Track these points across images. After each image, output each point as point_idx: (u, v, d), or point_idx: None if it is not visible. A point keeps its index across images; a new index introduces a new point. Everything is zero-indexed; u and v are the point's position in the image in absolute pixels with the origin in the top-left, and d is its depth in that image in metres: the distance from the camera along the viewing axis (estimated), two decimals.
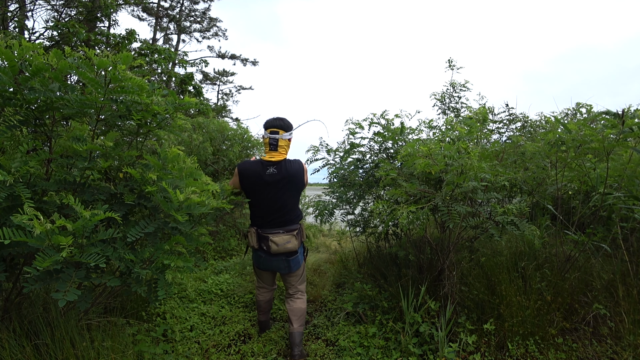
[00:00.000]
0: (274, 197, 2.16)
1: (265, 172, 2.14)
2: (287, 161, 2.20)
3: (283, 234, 2.17)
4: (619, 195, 2.26)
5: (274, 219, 2.18)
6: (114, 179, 2.06)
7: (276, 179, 2.14)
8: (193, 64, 13.67)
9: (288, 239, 2.17)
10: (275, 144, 2.18)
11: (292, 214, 2.23)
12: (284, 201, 2.18)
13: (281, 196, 2.17)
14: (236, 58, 19.12)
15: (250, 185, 2.17)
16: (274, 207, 2.17)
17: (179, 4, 17.18)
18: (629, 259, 2.31)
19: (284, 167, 2.16)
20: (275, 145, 2.18)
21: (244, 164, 2.19)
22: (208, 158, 4.76)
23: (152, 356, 2.10)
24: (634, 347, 1.98)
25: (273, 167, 2.14)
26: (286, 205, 2.19)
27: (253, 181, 2.16)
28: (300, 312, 2.33)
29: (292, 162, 2.20)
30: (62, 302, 1.30)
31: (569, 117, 3.94)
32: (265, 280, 2.45)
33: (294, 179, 2.19)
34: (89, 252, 1.42)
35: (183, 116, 2.10)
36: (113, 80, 1.63)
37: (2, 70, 1.45)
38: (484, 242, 2.99)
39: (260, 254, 2.23)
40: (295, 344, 2.24)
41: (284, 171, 2.15)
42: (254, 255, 2.32)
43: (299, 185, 2.23)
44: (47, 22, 9.00)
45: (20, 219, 1.22)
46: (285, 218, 2.20)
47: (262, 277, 2.44)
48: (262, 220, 2.19)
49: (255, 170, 2.16)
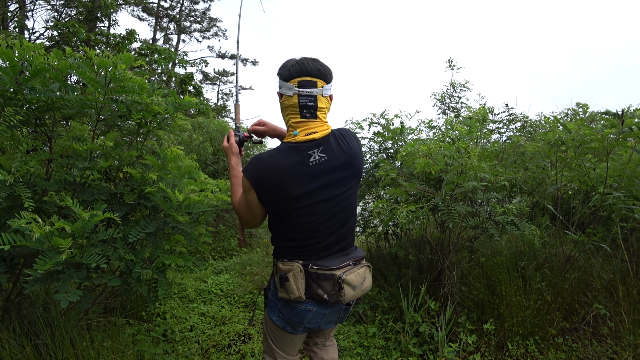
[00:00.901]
0: (331, 203, 1.22)
1: (308, 163, 1.17)
2: (337, 135, 1.25)
3: (354, 266, 1.25)
4: (618, 195, 2.26)
5: (334, 242, 1.26)
6: (114, 179, 2.06)
7: (328, 168, 1.19)
8: (193, 64, 13.67)
9: (363, 275, 1.27)
10: (313, 106, 1.18)
11: (354, 229, 1.37)
12: (347, 206, 1.27)
13: (342, 199, 1.24)
14: (236, 58, 19.10)
15: (283, 197, 1.18)
16: (332, 221, 1.24)
17: (179, 4, 17.18)
18: (629, 259, 2.31)
19: (335, 145, 1.21)
20: (313, 109, 1.19)
21: (262, 163, 1.18)
22: (208, 158, 4.76)
23: (152, 356, 2.11)
24: (634, 347, 1.98)
25: (318, 151, 1.18)
26: (351, 215, 1.31)
27: (288, 189, 1.16)
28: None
29: (344, 136, 1.25)
30: (65, 303, 1.30)
31: (569, 117, 3.94)
32: (293, 350, 1.41)
33: (355, 163, 1.25)
34: (89, 253, 1.42)
35: (183, 116, 2.10)
36: (113, 80, 1.63)
37: (3, 71, 1.45)
38: (484, 242, 2.99)
39: (309, 307, 1.23)
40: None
41: (339, 153, 1.21)
42: (285, 311, 1.28)
43: (360, 173, 1.31)
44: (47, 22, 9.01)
45: (19, 224, 1.21)
46: (349, 238, 1.33)
47: (292, 344, 1.39)
48: (313, 247, 1.23)
49: (287, 166, 1.16)
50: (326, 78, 1.21)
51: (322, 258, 1.24)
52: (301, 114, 1.19)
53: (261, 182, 1.17)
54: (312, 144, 1.18)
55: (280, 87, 1.21)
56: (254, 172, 1.17)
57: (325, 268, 1.20)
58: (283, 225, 1.25)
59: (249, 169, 1.19)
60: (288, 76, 1.18)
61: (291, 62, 1.20)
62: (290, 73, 1.17)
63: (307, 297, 1.21)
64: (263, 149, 5.86)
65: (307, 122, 1.20)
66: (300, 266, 1.20)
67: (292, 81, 1.17)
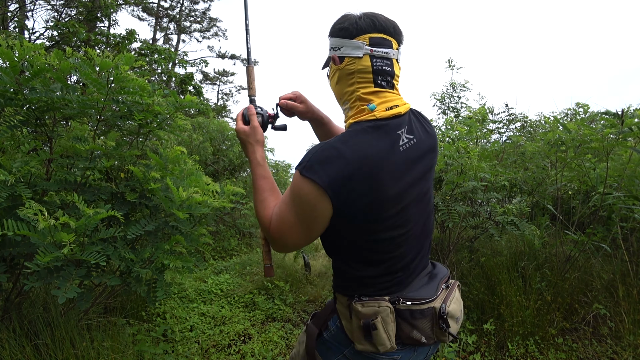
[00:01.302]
0: (422, 204, 0.92)
1: (399, 148, 0.84)
2: (415, 112, 0.95)
3: (448, 289, 0.94)
4: (618, 195, 2.26)
5: (420, 261, 0.96)
6: (115, 178, 2.06)
7: (417, 156, 0.88)
8: (193, 64, 13.68)
9: (460, 299, 0.98)
10: (390, 72, 0.87)
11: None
12: (432, 208, 0.98)
13: (429, 198, 0.95)
14: (236, 58, 19.14)
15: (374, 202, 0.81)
16: (422, 230, 0.93)
17: (179, 4, 17.19)
18: (629, 259, 2.31)
19: (418, 125, 0.91)
20: (390, 75, 0.87)
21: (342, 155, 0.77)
22: (208, 158, 4.76)
23: (152, 356, 2.11)
24: (634, 347, 1.98)
25: (405, 131, 0.86)
26: (432, 220, 1.00)
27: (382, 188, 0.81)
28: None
29: (420, 114, 0.97)
30: (62, 299, 1.30)
31: (569, 117, 3.95)
32: None
33: (437, 149, 0.98)
34: (89, 251, 1.42)
35: (183, 116, 2.10)
36: (115, 80, 1.63)
37: (4, 71, 1.45)
38: (483, 242, 2.99)
39: (394, 356, 0.88)
40: None
41: (424, 135, 0.91)
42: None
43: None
44: (47, 22, 9.01)
45: (26, 213, 1.23)
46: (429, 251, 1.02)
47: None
48: (402, 272, 0.90)
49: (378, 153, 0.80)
50: (400, 39, 0.89)
51: (409, 286, 0.89)
52: (375, 82, 0.84)
53: (345, 187, 0.75)
54: (399, 122, 0.84)
55: (340, 48, 0.86)
56: (331, 173, 0.74)
57: (421, 301, 0.85)
58: (361, 245, 0.85)
59: (318, 169, 0.75)
60: (355, 31, 0.84)
61: (353, 16, 0.86)
62: (359, 27, 0.84)
63: (397, 344, 0.84)
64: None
65: (383, 93, 0.84)
66: (389, 305, 0.82)
67: (361, 38, 0.83)
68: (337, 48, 0.87)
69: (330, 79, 0.94)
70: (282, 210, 0.84)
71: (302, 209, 0.80)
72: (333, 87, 0.93)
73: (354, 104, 0.87)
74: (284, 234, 0.85)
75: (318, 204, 0.78)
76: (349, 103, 0.88)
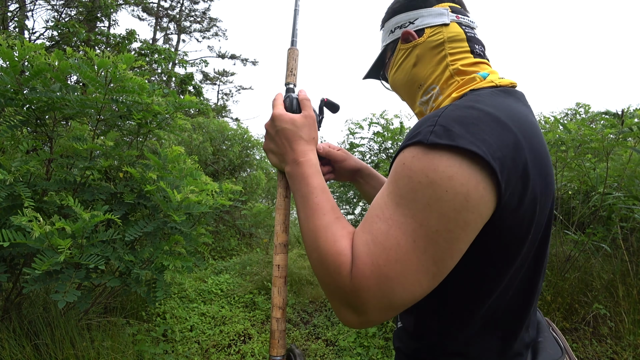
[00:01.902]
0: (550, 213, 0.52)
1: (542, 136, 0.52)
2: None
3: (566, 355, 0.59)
4: (618, 195, 2.26)
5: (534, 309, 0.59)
6: (114, 178, 2.06)
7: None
8: (193, 64, 13.68)
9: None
10: (482, 41, 0.66)
11: None
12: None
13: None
14: (236, 58, 19.14)
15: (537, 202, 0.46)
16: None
17: (179, 4, 17.19)
18: (629, 259, 2.31)
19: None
20: (483, 45, 0.66)
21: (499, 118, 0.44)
22: (208, 158, 4.76)
23: (152, 356, 2.11)
24: (634, 347, 1.98)
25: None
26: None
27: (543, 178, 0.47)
28: None
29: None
30: (62, 303, 1.30)
31: (569, 117, 3.94)
32: None
33: None
34: (88, 253, 1.42)
35: (183, 116, 2.10)
36: (114, 80, 1.63)
37: (4, 71, 1.45)
38: None
39: None
40: None
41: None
42: None
43: None
44: (47, 22, 9.01)
45: (20, 221, 1.22)
46: None
47: None
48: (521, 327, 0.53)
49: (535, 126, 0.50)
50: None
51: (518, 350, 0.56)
52: (472, 51, 0.62)
53: (514, 162, 0.43)
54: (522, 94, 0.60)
55: (414, 21, 0.65)
56: (486, 137, 0.42)
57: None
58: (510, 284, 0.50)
59: (461, 131, 0.42)
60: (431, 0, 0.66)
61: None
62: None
63: None
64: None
65: (484, 65, 0.62)
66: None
67: (441, 5, 0.65)
68: (410, 22, 0.66)
69: (397, 67, 0.68)
70: (384, 231, 0.43)
71: (433, 217, 0.41)
72: (406, 73, 0.66)
73: (451, 81, 0.61)
74: (392, 274, 0.42)
75: (471, 197, 0.41)
76: (441, 82, 0.62)
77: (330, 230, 0.49)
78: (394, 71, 0.69)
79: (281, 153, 0.62)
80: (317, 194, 0.54)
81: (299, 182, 0.57)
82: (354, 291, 0.43)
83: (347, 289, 0.44)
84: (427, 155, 0.42)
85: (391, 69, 0.70)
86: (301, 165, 0.58)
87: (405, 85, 0.68)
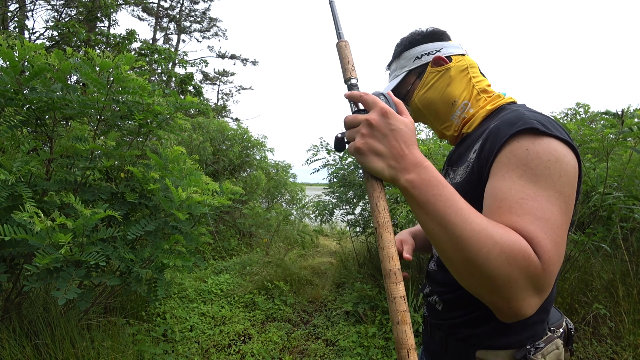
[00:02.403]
0: None
1: None
2: None
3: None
4: (618, 195, 2.26)
5: None
6: (115, 178, 2.06)
7: None
8: (193, 64, 13.68)
9: None
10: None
11: None
12: None
13: None
14: (236, 58, 19.14)
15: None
16: None
17: (179, 4, 17.19)
18: (629, 259, 2.31)
19: None
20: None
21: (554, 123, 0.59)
22: (208, 158, 4.76)
23: (152, 356, 2.11)
24: (634, 347, 1.98)
25: None
26: None
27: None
28: None
29: None
30: (62, 301, 1.30)
31: (569, 116, 3.95)
32: None
33: None
34: (89, 251, 1.42)
35: (183, 116, 2.10)
36: (116, 80, 1.63)
37: (4, 71, 1.45)
38: None
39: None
40: None
41: None
42: None
43: None
44: (47, 22, 9.01)
45: (21, 216, 1.22)
46: None
47: None
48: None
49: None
50: None
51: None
52: (484, 76, 0.82)
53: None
54: None
55: (440, 50, 0.80)
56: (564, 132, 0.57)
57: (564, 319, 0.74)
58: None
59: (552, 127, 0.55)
60: (447, 35, 0.83)
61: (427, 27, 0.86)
62: (446, 33, 0.84)
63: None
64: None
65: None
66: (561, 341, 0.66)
67: (453, 41, 0.83)
68: (437, 50, 0.79)
69: (427, 87, 0.78)
70: (539, 207, 0.50)
71: (565, 185, 0.51)
72: (440, 91, 0.77)
73: (478, 97, 0.76)
74: (561, 241, 0.50)
75: (576, 171, 0.53)
76: (471, 98, 0.76)
77: (496, 226, 0.48)
78: (423, 91, 0.79)
79: (395, 156, 0.52)
80: (458, 196, 0.51)
81: (435, 186, 0.50)
82: (546, 273, 0.47)
83: (540, 272, 0.46)
84: (543, 140, 0.52)
85: (420, 89, 0.79)
86: (429, 169, 0.52)
87: (438, 101, 0.78)
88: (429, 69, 0.78)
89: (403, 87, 0.82)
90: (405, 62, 0.81)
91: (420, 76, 0.80)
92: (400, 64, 0.83)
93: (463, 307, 0.66)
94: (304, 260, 4.24)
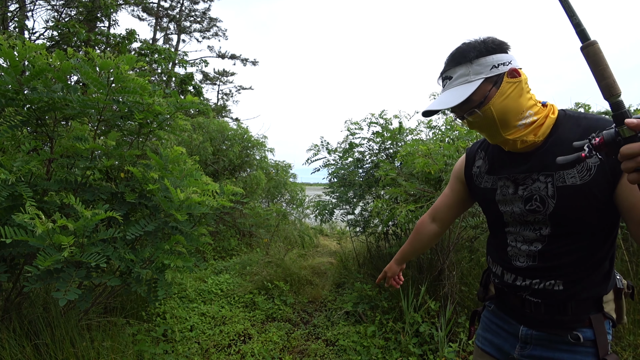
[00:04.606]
0: None
1: None
2: None
3: None
4: None
5: None
6: (115, 178, 2.07)
7: None
8: (193, 64, 13.69)
9: None
10: None
11: None
12: None
13: None
14: (236, 58, 19.14)
15: None
16: None
17: (179, 4, 17.20)
18: (629, 259, 2.32)
19: None
20: None
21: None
22: (208, 158, 4.76)
23: (152, 356, 2.11)
24: (634, 347, 1.98)
25: None
26: None
27: None
28: None
29: None
30: (63, 302, 1.30)
31: None
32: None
33: None
34: (89, 252, 1.42)
35: (183, 116, 2.10)
36: (116, 81, 1.63)
37: (5, 71, 1.45)
38: (483, 242, 2.99)
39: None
40: None
41: None
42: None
43: None
44: (47, 22, 9.01)
45: (22, 218, 1.22)
46: None
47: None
48: None
49: None
50: None
51: None
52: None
53: None
54: None
55: (510, 62, 0.86)
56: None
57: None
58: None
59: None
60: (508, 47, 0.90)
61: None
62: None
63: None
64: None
65: None
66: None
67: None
68: (509, 62, 0.85)
69: (505, 96, 0.84)
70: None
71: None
72: (515, 101, 0.85)
73: (536, 107, 0.88)
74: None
75: None
76: (535, 108, 0.87)
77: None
78: (501, 99, 0.84)
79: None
80: None
81: None
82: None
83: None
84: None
85: (497, 97, 0.84)
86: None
87: (512, 111, 0.85)
88: (506, 79, 0.83)
89: (478, 93, 0.85)
90: (482, 69, 0.84)
91: (496, 85, 0.84)
92: (474, 69, 0.85)
93: (584, 277, 0.87)
94: (304, 260, 4.24)
